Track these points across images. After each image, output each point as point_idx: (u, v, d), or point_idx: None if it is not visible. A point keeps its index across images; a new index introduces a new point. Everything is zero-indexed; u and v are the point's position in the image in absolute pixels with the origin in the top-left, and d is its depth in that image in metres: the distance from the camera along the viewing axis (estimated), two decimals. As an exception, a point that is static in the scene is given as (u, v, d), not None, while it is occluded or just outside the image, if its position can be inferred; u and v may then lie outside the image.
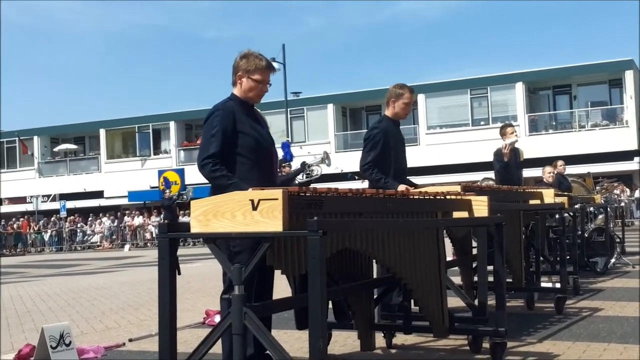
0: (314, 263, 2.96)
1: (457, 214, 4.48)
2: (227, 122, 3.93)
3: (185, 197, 20.19)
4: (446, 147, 31.94)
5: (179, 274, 3.42)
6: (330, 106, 35.42)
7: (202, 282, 9.96)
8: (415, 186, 5.22)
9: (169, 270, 3.34)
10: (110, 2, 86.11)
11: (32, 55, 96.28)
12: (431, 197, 4.29)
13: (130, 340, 5.63)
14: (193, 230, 3.32)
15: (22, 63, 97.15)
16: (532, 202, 6.49)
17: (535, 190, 6.86)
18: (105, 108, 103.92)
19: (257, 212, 3.15)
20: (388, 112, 5.61)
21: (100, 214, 34.22)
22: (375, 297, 4.61)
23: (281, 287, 4.35)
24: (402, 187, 4.92)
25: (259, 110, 4.33)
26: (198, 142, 38.88)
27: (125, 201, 37.14)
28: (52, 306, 8.41)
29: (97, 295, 9.46)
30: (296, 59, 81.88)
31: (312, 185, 4.89)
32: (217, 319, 5.84)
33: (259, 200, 3.16)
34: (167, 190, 18.54)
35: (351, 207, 3.54)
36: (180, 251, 3.58)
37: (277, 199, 3.07)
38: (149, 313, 7.31)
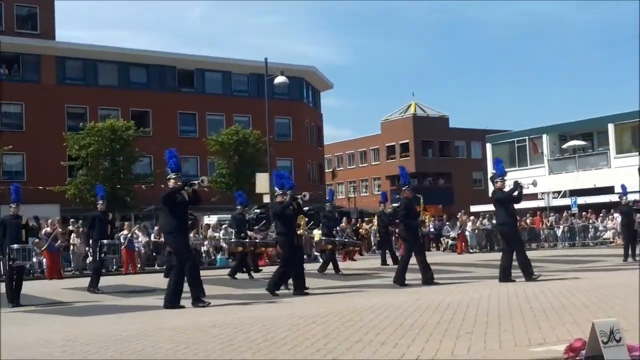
0: None
1: None
2: None
3: None
4: None
5: None
6: None
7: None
8: None
9: None
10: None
11: (543, 57, 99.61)
12: None
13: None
14: None
15: (534, 66, 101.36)
16: None
17: None
18: (613, 102, 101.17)
19: None
20: None
21: (612, 210, 33.48)
22: None
23: None
24: None
25: None
26: None
27: (637, 196, 35.57)
28: (584, 301, 8.67)
29: (628, 293, 9.41)
30: None
31: None
32: None
33: None
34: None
35: None
36: None
37: None
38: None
